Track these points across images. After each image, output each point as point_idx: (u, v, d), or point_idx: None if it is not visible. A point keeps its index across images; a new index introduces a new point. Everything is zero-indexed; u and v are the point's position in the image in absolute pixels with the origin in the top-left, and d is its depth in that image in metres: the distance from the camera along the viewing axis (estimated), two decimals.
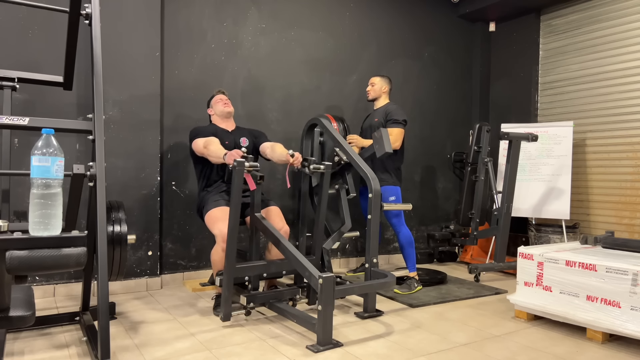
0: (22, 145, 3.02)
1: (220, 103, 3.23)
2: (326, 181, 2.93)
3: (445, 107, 5.16)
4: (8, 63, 2.95)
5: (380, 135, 3.03)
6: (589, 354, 2.34)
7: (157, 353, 2.21)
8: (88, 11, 2.21)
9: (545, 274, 2.75)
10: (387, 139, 3.01)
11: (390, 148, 3.01)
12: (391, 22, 4.73)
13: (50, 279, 3.09)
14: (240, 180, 2.55)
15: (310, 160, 2.85)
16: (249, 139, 3.25)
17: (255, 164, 2.61)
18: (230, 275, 2.60)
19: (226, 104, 3.24)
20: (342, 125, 3.78)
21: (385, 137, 3.01)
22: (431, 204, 5.06)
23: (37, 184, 1.54)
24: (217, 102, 3.24)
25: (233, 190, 2.56)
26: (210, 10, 3.72)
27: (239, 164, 2.53)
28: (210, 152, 2.83)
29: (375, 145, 3.07)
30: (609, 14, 4.41)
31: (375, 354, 2.27)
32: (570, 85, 4.72)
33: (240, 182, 2.55)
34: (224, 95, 3.30)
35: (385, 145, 2.97)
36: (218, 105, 3.23)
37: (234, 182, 2.55)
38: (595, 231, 4.46)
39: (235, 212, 2.58)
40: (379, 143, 3.03)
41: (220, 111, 3.22)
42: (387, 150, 2.97)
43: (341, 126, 3.77)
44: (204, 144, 2.90)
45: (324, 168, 2.87)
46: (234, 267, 2.61)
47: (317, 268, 2.51)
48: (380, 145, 3.02)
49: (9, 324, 1.55)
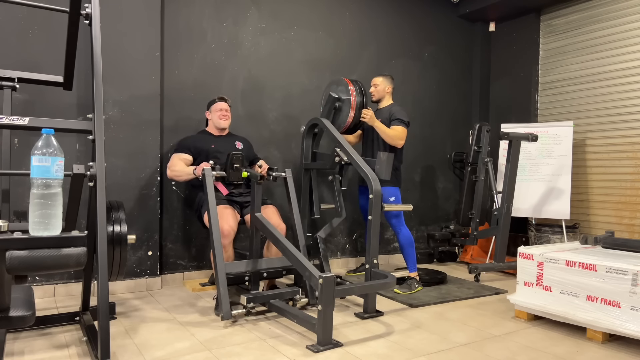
0: (22, 145, 3.02)
1: (219, 113, 3.32)
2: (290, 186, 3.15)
3: (445, 107, 5.16)
4: (8, 63, 2.95)
5: (384, 159, 3.12)
6: (589, 354, 2.34)
7: (157, 353, 2.21)
8: (88, 11, 2.21)
9: (545, 274, 2.75)
10: (388, 167, 3.13)
11: (388, 176, 3.15)
12: (391, 22, 4.73)
13: (50, 279, 3.09)
14: (211, 188, 2.76)
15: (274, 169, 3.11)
16: (244, 144, 3.45)
17: (222, 172, 2.89)
18: (222, 273, 2.63)
19: (225, 115, 3.34)
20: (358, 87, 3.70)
21: (388, 164, 3.12)
22: (431, 204, 5.06)
23: (37, 184, 1.54)
24: (216, 112, 3.34)
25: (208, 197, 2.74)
26: (210, 10, 3.72)
27: (206, 171, 2.79)
28: (176, 172, 3.09)
29: (376, 165, 3.15)
30: (609, 14, 4.41)
31: (375, 354, 2.27)
32: (570, 85, 4.72)
33: (211, 190, 2.76)
34: (225, 104, 3.35)
35: (384, 173, 3.11)
36: (216, 115, 3.33)
37: (205, 189, 2.77)
38: (595, 231, 4.46)
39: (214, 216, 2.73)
40: (381, 166, 3.12)
41: (216, 123, 3.36)
42: (384, 178, 3.12)
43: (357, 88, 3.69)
44: (169, 167, 3.15)
45: (285, 174, 3.14)
46: (223, 264, 2.67)
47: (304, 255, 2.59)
48: (380, 167, 3.12)
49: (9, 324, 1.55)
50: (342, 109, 3.53)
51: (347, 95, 3.47)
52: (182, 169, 3.08)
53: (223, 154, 3.20)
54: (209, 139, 3.31)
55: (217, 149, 3.25)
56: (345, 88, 3.50)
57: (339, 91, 3.55)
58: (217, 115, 3.32)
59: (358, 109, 3.47)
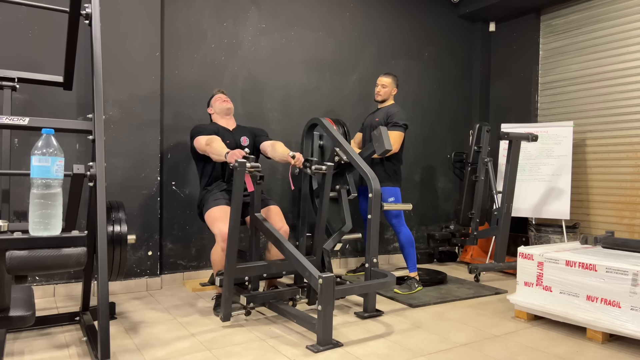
0: (22, 145, 3.02)
1: (219, 100, 3.24)
2: (328, 182, 2.94)
3: (445, 107, 5.16)
4: (8, 63, 2.95)
5: (379, 134, 3.03)
6: (589, 354, 2.34)
7: (157, 353, 2.21)
8: (88, 11, 2.21)
9: (545, 274, 2.75)
10: (386, 137, 3.01)
11: (390, 145, 3.00)
12: (391, 22, 4.73)
13: (50, 279, 3.09)
14: (241, 181, 2.54)
15: (313, 161, 2.85)
16: (250, 138, 3.24)
17: (257, 164, 2.61)
18: (230, 276, 2.60)
19: (226, 100, 3.24)
20: (342, 129, 3.78)
21: (384, 134, 3.01)
22: (431, 204, 5.06)
23: (37, 184, 1.54)
24: (217, 100, 3.25)
25: (234, 191, 2.56)
26: (210, 10, 3.72)
27: (240, 164, 2.52)
28: (213, 149, 2.80)
29: (375, 143, 3.07)
30: (609, 14, 4.40)
31: (375, 354, 2.27)
32: (570, 85, 4.72)
33: (241, 183, 2.54)
34: (223, 94, 3.31)
35: (385, 143, 2.96)
36: (217, 102, 3.22)
37: (235, 182, 2.55)
38: (595, 231, 4.46)
39: (236, 213, 2.57)
40: (379, 141, 3.03)
41: (220, 108, 3.21)
42: (387, 148, 2.96)
43: (341, 130, 3.77)
44: (207, 142, 2.88)
45: (325, 169, 2.88)
46: (234, 268, 2.61)
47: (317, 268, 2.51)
48: (380, 143, 3.01)
49: (9, 324, 1.55)
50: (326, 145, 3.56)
51: None
52: (219, 147, 2.77)
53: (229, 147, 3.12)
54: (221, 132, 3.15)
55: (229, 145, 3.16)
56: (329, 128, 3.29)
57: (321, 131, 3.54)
58: (219, 102, 3.21)
59: None
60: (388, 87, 3.62)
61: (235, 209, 2.57)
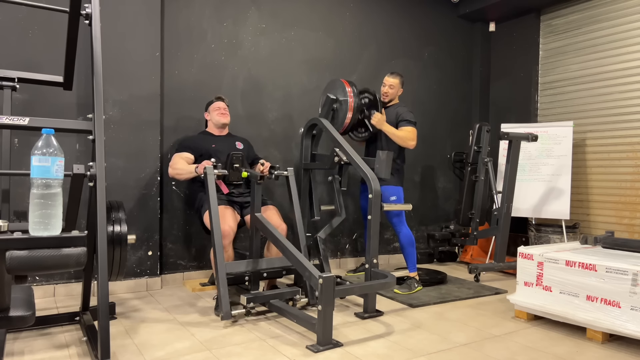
0: (22, 145, 3.02)
1: (217, 112, 3.33)
2: (292, 184, 3.16)
3: (445, 107, 5.16)
4: (8, 63, 2.94)
5: (384, 158, 3.10)
6: (589, 354, 2.34)
7: (157, 353, 2.21)
8: (88, 11, 2.21)
9: (545, 274, 2.75)
10: (388, 165, 3.12)
11: (388, 175, 3.14)
12: (391, 22, 4.73)
13: (50, 279, 3.09)
14: (212, 186, 2.75)
15: (276, 167, 3.16)
16: (245, 145, 3.44)
17: (224, 171, 2.89)
18: (222, 273, 2.62)
19: (223, 113, 3.35)
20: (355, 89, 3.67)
21: (387, 162, 3.11)
22: (431, 204, 5.06)
23: (37, 184, 1.54)
24: (214, 110, 3.34)
25: (209, 195, 2.73)
26: (210, 11, 3.72)
27: (208, 170, 2.77)
28: (178, 170, 3.08)
29: (376, 164, 3.13)
30: (609, 14, 4.40)
31: (375, 354, 2.27)
32: (570, 85, 4.72)
33: (213, 188, 2.75)
34: (222, 103, 3.36)
35: (383, 172, 3.10)
36: (214, 113, 3.34)
37: (206, 188, 2.75)
38: (595, 231, 4.46)
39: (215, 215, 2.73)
40: (380, 165, 3.10)
41: (216, 121, 3.36)
42: (383, 177, 3.11)
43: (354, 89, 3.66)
44: (170, 166, 3.14)
45: (287, 173, 3.15)
46: (224, 264, 2.67)
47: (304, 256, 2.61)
48: (380, 167, 3.10)
49: (9, 324, 1.55)
50: (340, 110, 3.53)
51: (345, 97, 3.46)
52: (183, 167, 3.07)
53: (223, 154, 3.20)
54: (210, 139, 3.31)
55: (217, 148, 3.25)
56: (342, 89, 3.49)
57: (336, 92, 3.55)
58: (216, 113, 3.33)
59: (356, 110, 3.45)
60: (395, 87, 3.62)
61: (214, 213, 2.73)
